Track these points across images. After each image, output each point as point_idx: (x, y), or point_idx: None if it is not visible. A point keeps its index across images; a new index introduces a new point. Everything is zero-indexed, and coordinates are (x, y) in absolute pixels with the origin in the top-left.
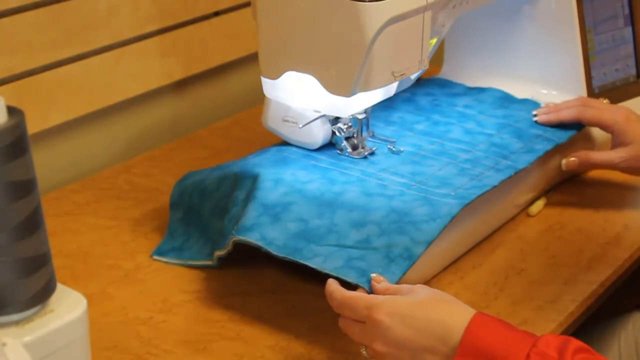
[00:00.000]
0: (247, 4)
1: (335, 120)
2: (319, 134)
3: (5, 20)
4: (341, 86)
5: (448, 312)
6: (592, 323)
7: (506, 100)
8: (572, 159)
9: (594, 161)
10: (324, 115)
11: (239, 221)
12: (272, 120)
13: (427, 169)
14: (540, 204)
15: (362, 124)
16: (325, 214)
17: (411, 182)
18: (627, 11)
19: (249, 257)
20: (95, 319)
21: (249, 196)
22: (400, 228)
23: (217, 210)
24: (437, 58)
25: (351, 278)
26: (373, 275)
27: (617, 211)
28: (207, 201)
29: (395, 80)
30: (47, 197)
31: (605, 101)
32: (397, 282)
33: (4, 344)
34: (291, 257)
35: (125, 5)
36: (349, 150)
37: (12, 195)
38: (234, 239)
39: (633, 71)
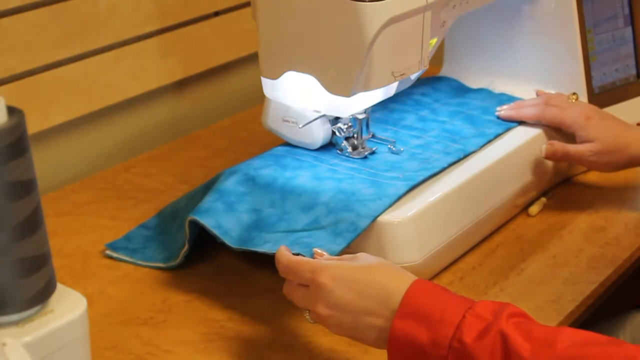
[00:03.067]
0: (247, 4)
1: (335, 120)
2: (319, 134)
3: (5, 20)
4: (341, 86)
5: (390, 277)
6: (591, 323)
7: (461, 89)
8: (550, 145)
9: (568, 151)
10: (324, 115)
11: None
12: (272, 120)
13: (378, 155)
14: (540, 204)
15: (362, 124)
16: (277, 202)
17: (362, 167)
18: (627, 11)
19: (249, 257)
20: (95, 319)
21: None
22: (346, 206)
23: (184, 224)
24: (437, 58)
25: (294, 250)
26: (314, 249)
27: (617, 211)
28: (177, 219)
29: (395, 80)
30: (47, 197)
31: (574, 96)
32: (340, 254)
33: (4, 344)
34: (244, 247)
35: (125, 5)
36: (349, 150)
37: (12, 195)
38: (190, 218)
39: (633, 71)
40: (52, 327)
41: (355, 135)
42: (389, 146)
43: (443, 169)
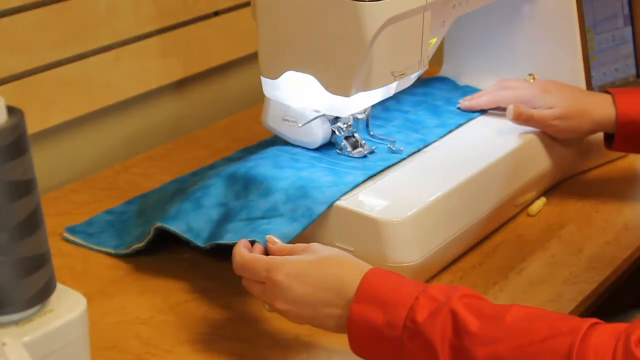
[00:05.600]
0: (247, 4)
1: (335, 120)
2: (319, 133)
3: (5, 20)
4: (341, 86)
5: (343, 269)
6: None
7: (428, 79)
8: (516, 107)
9: (532, 114)
10: (324, 115)
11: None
12: (272, 120)
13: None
14: (540, 204)
15: (362, 123)
16: (241, 193)
17: (323, 157)
18: (627, 11)
19: None
20: (95, 319)
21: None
22: (305, 194)
23: (149, 222)
24: (437, 58)
25: (251, 237)
26: (267, 237)
27: (617, 211)
28: (143, 214)
29: (395, 80)
30: (47, 197)
31: (531, 77)
32: (295, 238)
33: (4, 344)
34: (212, 243)
35: (125, 5)
36: (349, 149)
37: (12, 195)
38: (157, 225)
39: (633, 71)
40: (52, 327)
41: (354, 135)
42: (388, 145)
43: (402, 160)
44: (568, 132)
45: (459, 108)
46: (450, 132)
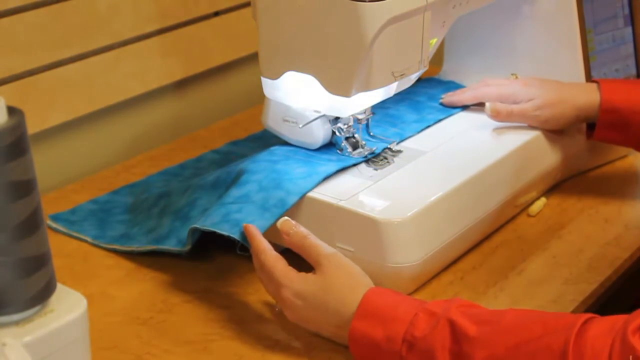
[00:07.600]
0: (247, 4)
1: (335, 120)
2: (319, 134)
3: (5, 20)
4: (341, 86)
5: (347, 294)
6: None
7: None
8: (494, 105)
9: (512, 109)
10: (324, 115)
11: (154, 231)
12: (272, 120)
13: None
14: (540, 204)
15: (362, 123)
16: (223, 194)
17: (299, 149)
18: (627, 11)
19: (249, 257)
20: (95, 319)
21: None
22: (278, 185)
23: (128, 219)
24: (437, 58)
25: (224, 231)
26: (280, 223)
27: (617, 211)
28: (129, 212)
29: (395, 80)
30: (47, 197)
31: (513, 75)
32: (268, 229)
33: (4, 344)
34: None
35: (125, 5)
36: (349, 150)
37: (12, 195)
38: (151, 247)
39: (633, 71)
40: (52, 327)
41: (355, 135)
42: (389, 146)
43: (377, 154)
44: (552, 121)
45: (441, 103)
46: (428, 126)
